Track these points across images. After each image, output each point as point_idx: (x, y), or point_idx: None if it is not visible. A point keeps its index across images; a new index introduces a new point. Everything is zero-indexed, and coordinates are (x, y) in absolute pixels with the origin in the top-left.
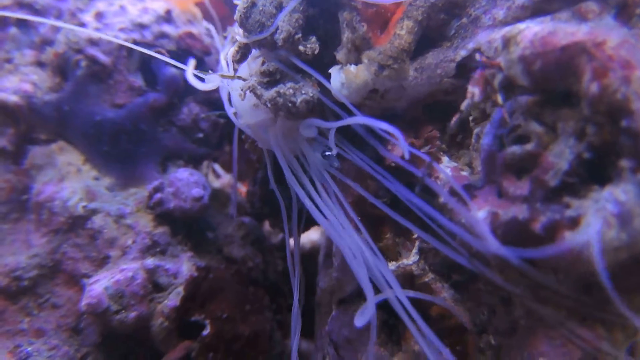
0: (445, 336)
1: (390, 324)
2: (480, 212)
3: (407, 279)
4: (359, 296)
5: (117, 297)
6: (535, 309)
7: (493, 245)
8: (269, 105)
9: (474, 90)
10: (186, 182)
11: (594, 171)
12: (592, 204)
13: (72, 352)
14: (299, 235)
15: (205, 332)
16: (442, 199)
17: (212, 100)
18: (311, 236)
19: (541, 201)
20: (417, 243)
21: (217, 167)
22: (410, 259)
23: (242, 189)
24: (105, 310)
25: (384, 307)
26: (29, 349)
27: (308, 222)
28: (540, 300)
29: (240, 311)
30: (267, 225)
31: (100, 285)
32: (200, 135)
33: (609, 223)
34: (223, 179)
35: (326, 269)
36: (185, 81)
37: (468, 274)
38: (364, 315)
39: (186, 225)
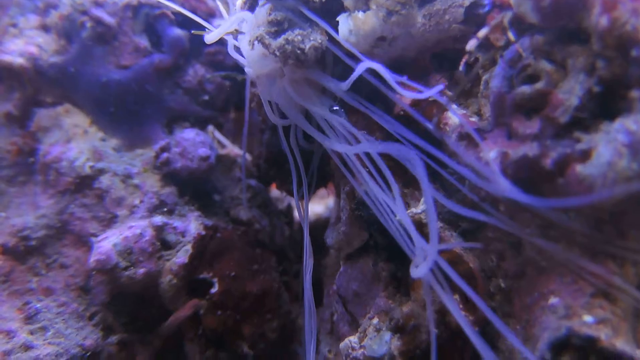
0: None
1: (398, 276)
2: (489, 154)
3: (417, 227)
4: (366, 251)
5: (126, 253)
6: (546, 249)
7: (503, 185)
8: (277, 53)
9: (482, 30)
10: (193, 142)
11: (604, 109)
12: (603, 135)
13: (81, 310)
14: (310, 189)
15: (214, 290)
16: (450, 145)
17: (218, 62)
18: (315, 209)
19: (551, 138)
20: None
21: (221, 137)
22: (419, 208)
23: (248, 157)
24: (114, 266)
25: (391, 258)
26: (38, 305)
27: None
28: (551, 240)
29: (248, 270)
30: (273, 193)
31: (108, 242)
32: (206, 97)
33: (620, 153)
34: (227, 149)
35: (334, 225)
36: (190, 42)
37: (476, 221)
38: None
39: (193, 186)
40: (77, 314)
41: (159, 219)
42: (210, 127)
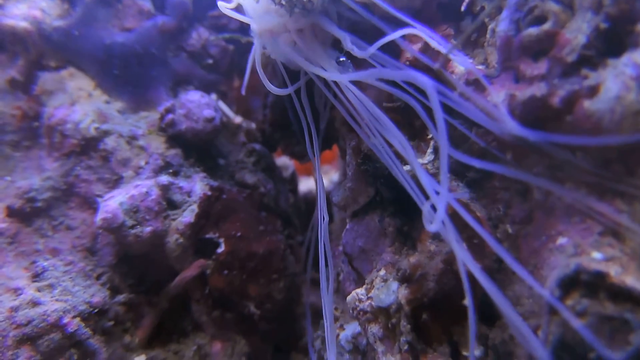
0: (462, 231)
1: (404, 230)
2: (497, 96)
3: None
4: (372, 208)
5: (132, 212)
6: (554, 190)
7: (511, 125)
8: (283, 2)
9: None
10: (198, 104)
11: (611, 46)
12: (611, 70)
13: (88, 269)
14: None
15: (220, 250)
16: (458, 90)
17: (222, 25)
18: None
19: (559, 77)
20: (432, 142)
21: (225, 106)
22: (425, 159)
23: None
24: (120, 225)
25: (397, 213)
26: (45, 263)
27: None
28: (559, 182)
29: (254, 231)
30: (278, 161)
31: (115, 201)
32: (210, 61)
33: (628, 87)
34: (231, 118)
35: (340, 184)
36: (194, 5)
37: (483, 171)
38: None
39: (198, 149)
40: (84, 273)
41: (164, 179)
42: (214, 96)
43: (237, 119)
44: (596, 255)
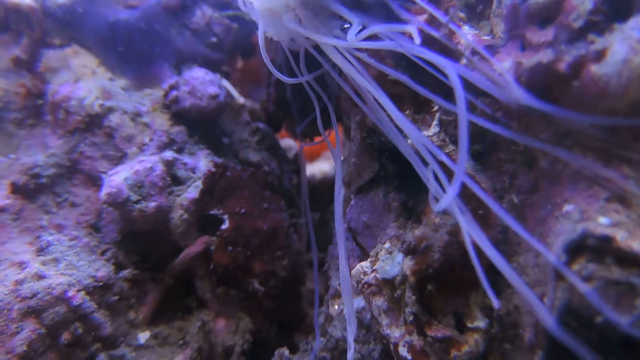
0: (467, 202)
1: (409, 205)
2: (503, 64)
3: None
4: (376, 183)
5: (137, 187)
6: (560, 156)
7: (517, 93)
8: None
9: None
10: (202, 80)
11: (617, 13)
12: (618, 34)
13: (92, 244)
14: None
15: (224, 226)
16: (464, 59)
17: (226, 4)
18: (322, 167)
19: (566, 43)
20: (437, 115)
21: (229, 85)
22: (431, 131)
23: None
24: (125, 200)
25: (402, 188)
26: (50, 238)
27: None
28: (565, 149)
29: (257, 208)
30: (281, 143)
31: (120, 176)
32: (214, 39)
33: (635, 50)
34: (235, 99)
35: (343, 160)
36: None
37: (489, 143)
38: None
39: (202, 127)
40: (89, 248)
41: (169, 154)
42: (218, 76)
43: (241, 99)
44: (602, 220)
